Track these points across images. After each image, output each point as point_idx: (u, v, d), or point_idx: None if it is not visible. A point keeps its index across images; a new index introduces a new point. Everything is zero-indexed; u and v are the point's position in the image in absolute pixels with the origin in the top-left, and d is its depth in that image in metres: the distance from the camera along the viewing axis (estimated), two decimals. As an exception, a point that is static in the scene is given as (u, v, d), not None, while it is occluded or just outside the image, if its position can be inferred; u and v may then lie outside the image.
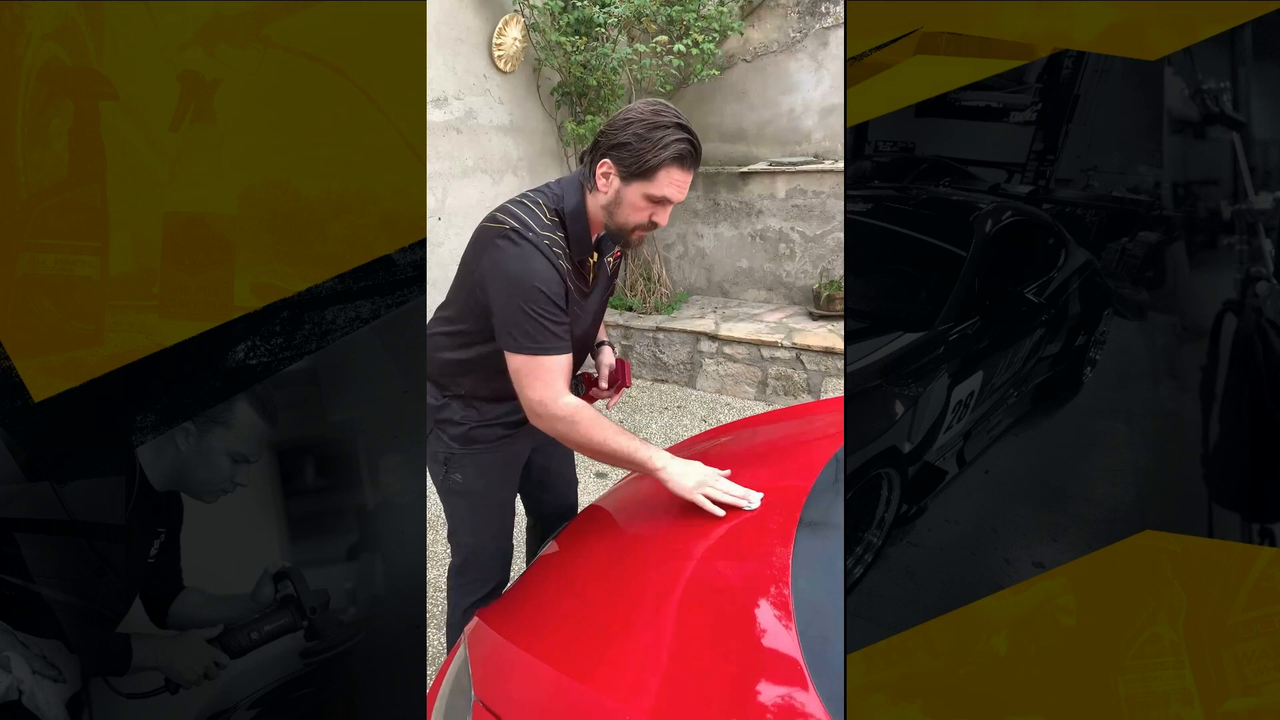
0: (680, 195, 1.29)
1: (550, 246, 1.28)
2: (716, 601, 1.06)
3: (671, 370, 4.50)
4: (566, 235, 1.32)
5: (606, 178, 1.29)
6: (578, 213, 1.33)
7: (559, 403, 1.29)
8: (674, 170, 1.26)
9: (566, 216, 1.33)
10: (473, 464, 1.47)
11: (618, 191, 1.29)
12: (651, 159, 1.24)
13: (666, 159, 1.24)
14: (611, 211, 1.31)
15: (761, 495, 1.25)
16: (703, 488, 1.25)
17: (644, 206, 1.29)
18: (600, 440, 1.30)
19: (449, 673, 1.17)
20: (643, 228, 1.32)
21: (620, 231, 1.33)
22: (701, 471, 1.28)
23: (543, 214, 1.31)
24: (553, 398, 1.29)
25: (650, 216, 1.30)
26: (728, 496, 1.24)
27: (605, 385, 1.54)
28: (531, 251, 1.26)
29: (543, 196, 1.34)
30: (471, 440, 1.46)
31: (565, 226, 1.32)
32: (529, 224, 1.28)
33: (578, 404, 1.31)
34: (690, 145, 1.26)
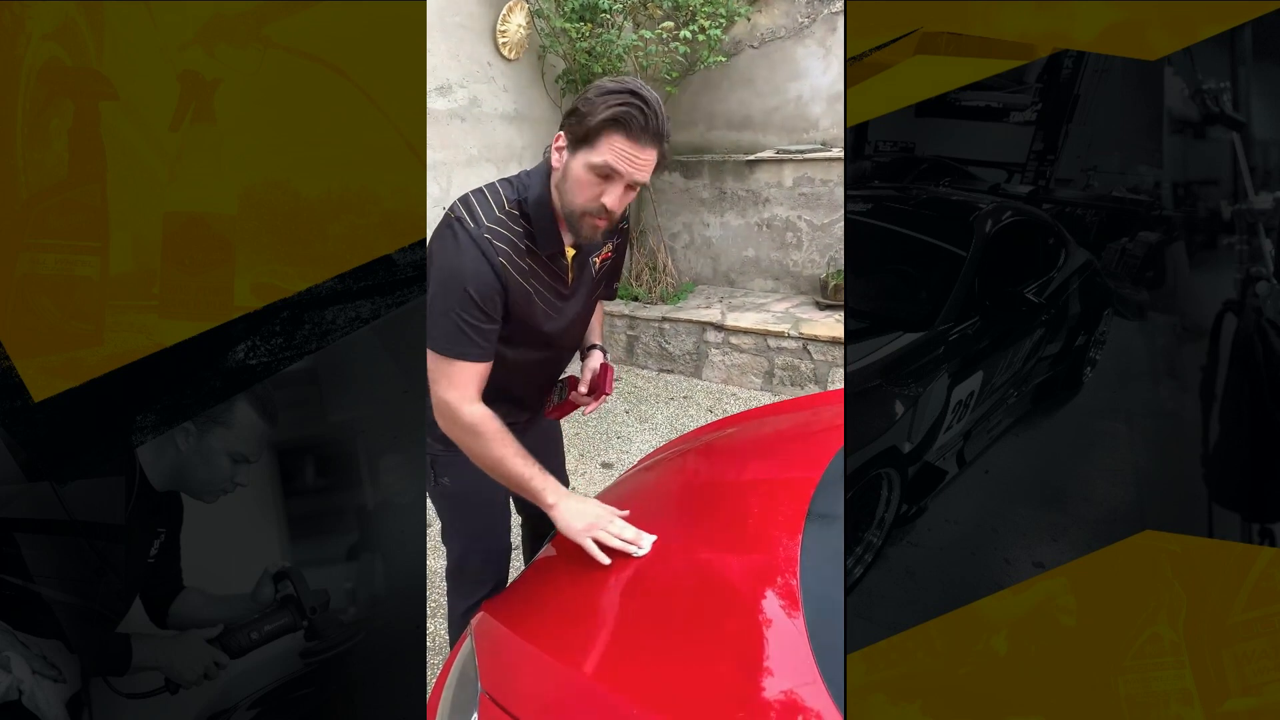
0: (630, 169, 1.14)
1: (492, 240, 1.19)
2: (723, 594, 1.06)
3: (677, 361, 4.49)
4: (531, 228, 1.24)
5: (560, 153, 1.20)
6: (541, 202, 1.23)
7: (465, 409, 1.23)
8: (616, 136, 1.12)
9: (530, 207, 1.23)
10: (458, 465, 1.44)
11: (566, 165, 1.19)
12: (591, 120, 1.13)
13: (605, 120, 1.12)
14: (561, 191, 1.20)
15: (653, 539, 1.19)
16: (591, 530, 1.20)
17: (588, 180, 1.16)
18: (498, 458, 1.25)
19: (455, 664, 1.17)
20: (592, 213, 1.18)
21: (571, 215, 1.21)
22: (593, 512, 1.23)
23: (496, 205, 1.23)
24: (459, 402, 1.23)
25: (599, 195, 1.16)
26: (617, 541, 1.18)
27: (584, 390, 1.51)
28: (468, 246, 1.18)
29: (506, 186, 1.26)
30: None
31: (529, 218, 1.24)
32: (477, 215, 1.20)
33: (485, 415, 1.25)
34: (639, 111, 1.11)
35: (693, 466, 1.58)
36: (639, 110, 1.12)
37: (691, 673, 0.93)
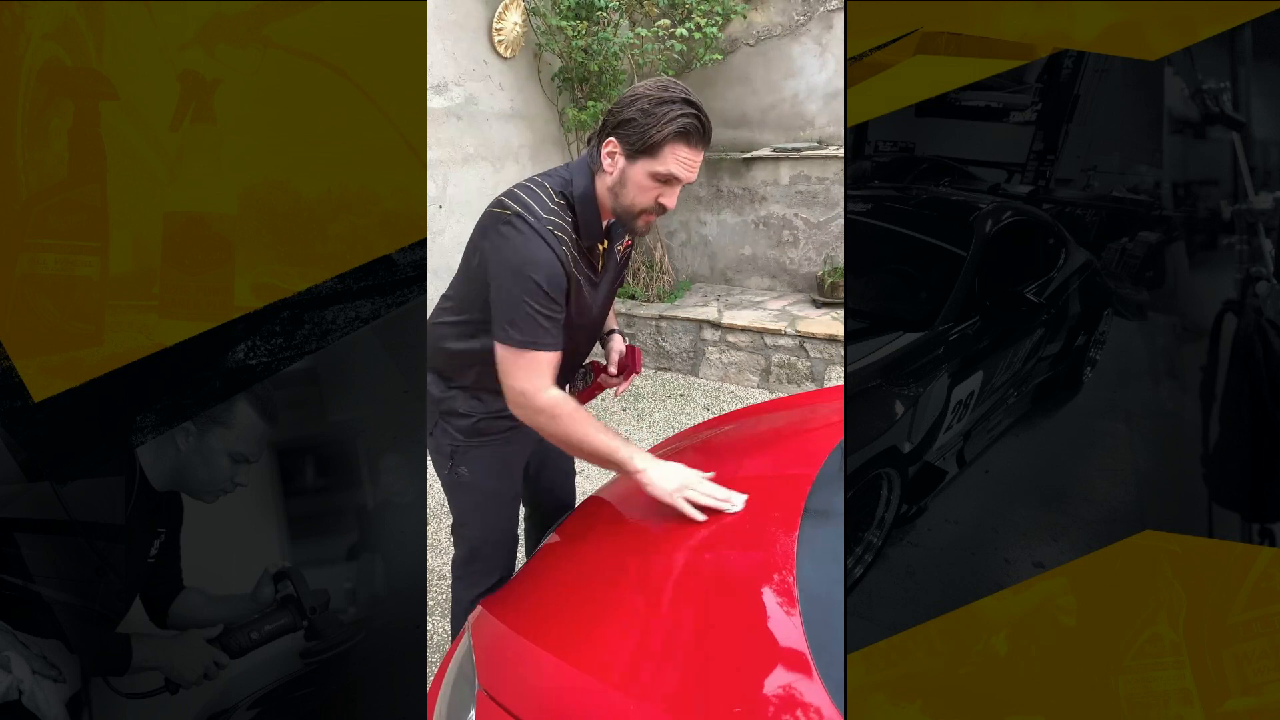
0: (688, 174, 1.24)
1: (553, 231, 1.24)
2: (720, 590, 1.06)
3: (674, 359, 4.49)
4: (575, 220, 1.29)
5: (612, 157, 1.26)
6: (587, 196, 1.29)
7: (542, 395, 1.26)
8: (680, 147, 1.22)
9: (575, 200, 1.29)
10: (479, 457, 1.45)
11: (623, 171, 1.25)
12: (656, 134, 1.20)
13: (671, 134, 1.20)
14: (617, 193, 1.28)
15: (745, 497, 1.22)
16: (683, 490, 1.22)
17: (650, 186, 1.25)
18: (581, 436, 1.28)
19: (453, 662, 1.17)
20: (649, 211, 1.28)
21: (627, 214, 1.29)
22: (683, 474, 1.26)
23: (548, 198, 1.27)
24: (536, 390, 1.26)
25: (657, 198, 1.26)
26: (710, 500, 1.21)
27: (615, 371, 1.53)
28: (533, 238, 1.23)
29: (550, 180, 1.31)
30: (478, 433, 1.45)
31: (574, 210, 1.29)
32: (533, 208, 1.25)
33: (561, 397, 1.28)
34: (697, 121, 1.21)
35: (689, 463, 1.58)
36: (698, 121, 1.21)
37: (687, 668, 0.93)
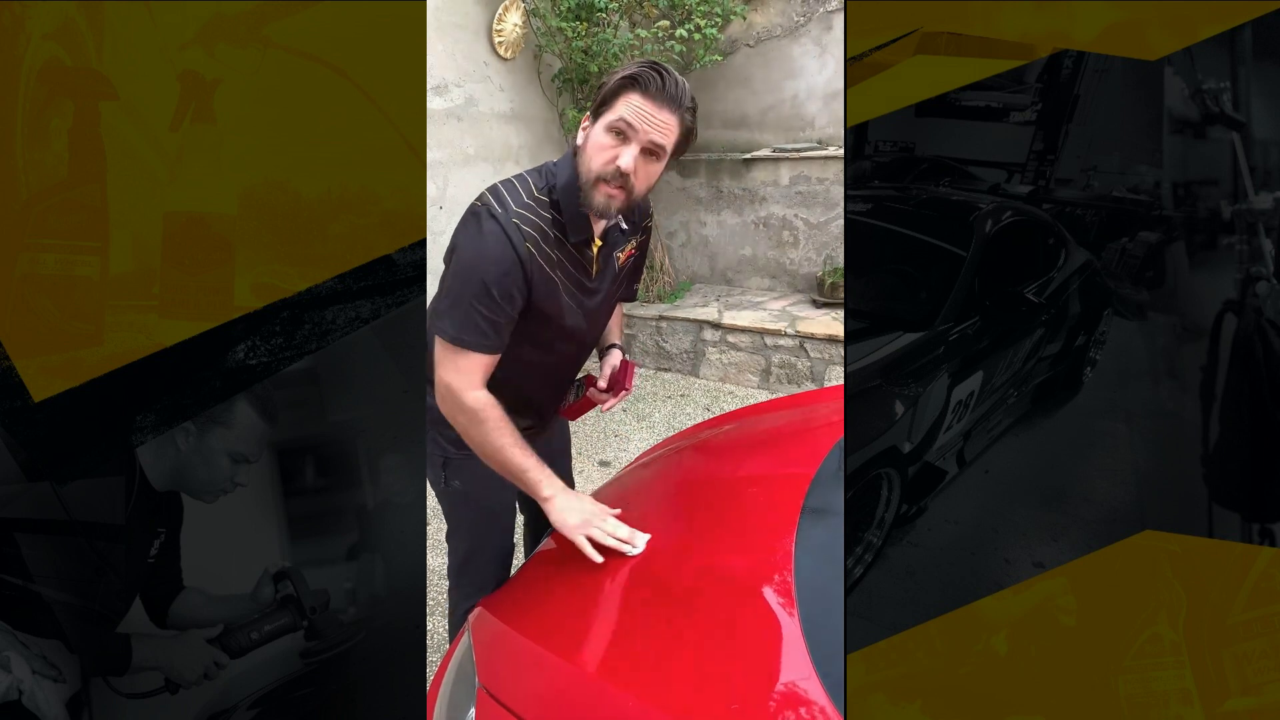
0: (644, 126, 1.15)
1: (520, 226, 1.20)
2: (718, 590, 1.06)
3: (674, 359, 4.49)
4: (559, 216, 1.24)
5: (585, 131, 1.22)
6: (570, 187, 1.23)
7: (468, 395, 1.23)
8: (632, 94, 1.15)
9: (560, 193, 1.24)
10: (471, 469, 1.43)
11: (588, 135, 1.21)
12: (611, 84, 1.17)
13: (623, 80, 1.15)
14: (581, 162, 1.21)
15: (647, 538, 1.18)
16: (585, 528, 1.19)
17: (607, 144, 1.17)
18: (498, 447, 1.24)
19: (453, 660, 1.17)
20: (606, 179, 1.18)
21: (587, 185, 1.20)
22: (588, 510, 1.22)
23: (525, 192, 1.23)
24: (462, 389, 1.22)
25: (615, 159, 1.16)
26: (611, 540, 1.18)
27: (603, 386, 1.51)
28: (493, 234, 1.18)
29: (534, 174, 1.27)
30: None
31: (559, 206, 1.24)
32: (506, 200, 1.21)
33: (488, 402, 1.24)
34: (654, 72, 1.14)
35: (689, 463, 1.59)
36: (655, 73, 1.15)
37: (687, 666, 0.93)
